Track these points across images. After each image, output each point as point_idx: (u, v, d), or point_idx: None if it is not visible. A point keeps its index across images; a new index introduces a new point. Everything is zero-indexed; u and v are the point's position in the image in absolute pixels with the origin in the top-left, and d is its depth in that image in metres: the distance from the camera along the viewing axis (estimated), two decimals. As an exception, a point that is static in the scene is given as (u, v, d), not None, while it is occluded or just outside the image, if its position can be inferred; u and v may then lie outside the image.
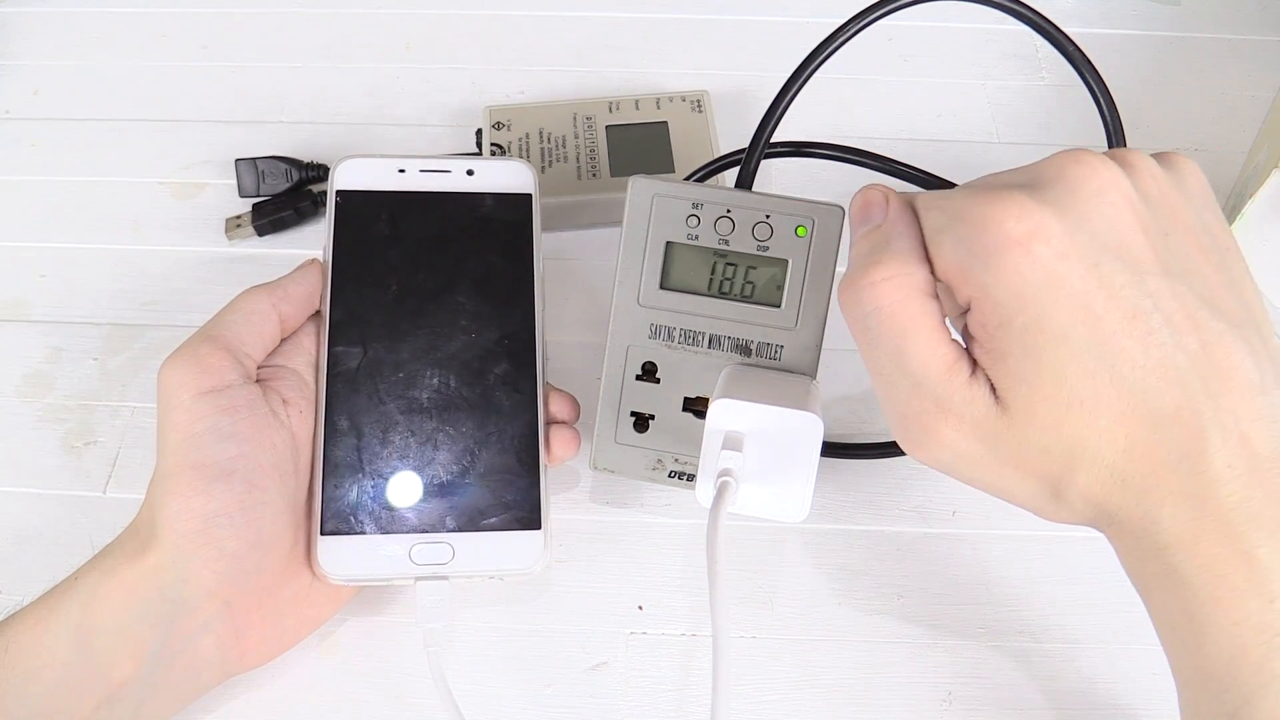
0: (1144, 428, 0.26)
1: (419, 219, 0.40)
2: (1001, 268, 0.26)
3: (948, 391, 0.28)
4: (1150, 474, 0.26)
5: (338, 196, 0.40)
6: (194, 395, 0.33)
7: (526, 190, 0.41)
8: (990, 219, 0.27)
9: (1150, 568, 0.28)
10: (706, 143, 0.50)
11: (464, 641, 0.39)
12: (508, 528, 0.37)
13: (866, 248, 0.30)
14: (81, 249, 0.49)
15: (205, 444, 0.33)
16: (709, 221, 0.37)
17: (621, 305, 0.38)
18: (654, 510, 0.42)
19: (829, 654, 0.38)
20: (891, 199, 0.31)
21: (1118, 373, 0.26)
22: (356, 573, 0.36)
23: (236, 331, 0.35)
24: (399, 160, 0.40)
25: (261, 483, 0.34)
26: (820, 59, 0.37)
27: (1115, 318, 0.26)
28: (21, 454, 0.43)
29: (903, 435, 0.29)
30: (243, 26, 0.58)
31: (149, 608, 0.32)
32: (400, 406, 0.38)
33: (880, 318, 0.28)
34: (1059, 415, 0.27)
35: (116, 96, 0.55)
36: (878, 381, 0.30)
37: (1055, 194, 0.27)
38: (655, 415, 0.39)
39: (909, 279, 0.28)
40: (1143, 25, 0.59)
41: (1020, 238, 0.26)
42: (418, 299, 0.39)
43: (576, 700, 0.37)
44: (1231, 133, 0.54)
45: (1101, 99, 0.38)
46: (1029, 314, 0.26)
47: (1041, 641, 0.39)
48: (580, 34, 0.58)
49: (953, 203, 0.28)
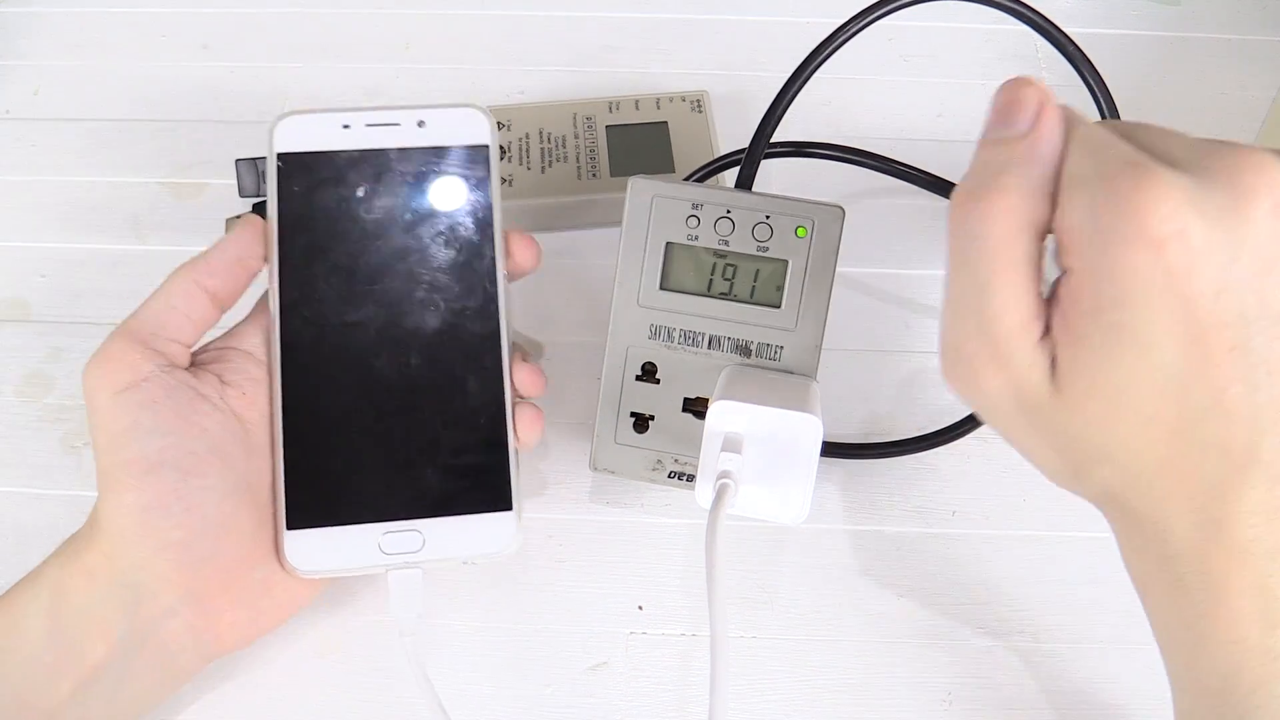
0: (1190, 451, 0.25)
1: (369, 180, 0.37)
2: (1124, 260, 0.24)
3: (1012, 348, 0.26)
4: (1178, 490, 0.26)
5: (279, 160, 0.36)
6: (110, 395, 0.33)
7: (483, 141, 0.37)
8: (1137, 203, 0.24)
9: (1153, 569, 0.27)
10: (706, 143, 0.50)
11: (464, 641, 0.39)
12: (478, 510, 0.36)
13: (999, 158, 0.27)
14: (81, 249, 0.49)
15: (129, 441, 0.32)
16: (709, 222, 0.37)
17: (621, 305, 0.38)
18: (654, 510, 0.42)
19: (829, 654, 0.38)
20: (1046, 110, 0.27)
21: (1189, 398, 0.25)
22: (325, 566, 0.35)
23: (155, 319, 0.34)
24: (343, 114, 0.37)
25: (197, 469, 0.33)
26: (820, 59, 0.37)
27: (1215, 345, 0.24)
28: (21, 454, 0.43)
29: (949, 365, 0.28)
30: (243, 26, 0.58)
31: (110, 592, 0.32)
32: (360, 389, 0.36)
33: (983, 246, 0.26)
34: (1110, 417, 0.25)
35: (116, 96, 0.55)
36: (950, 303, 0.27)
37: (1216, 198, 0.24)
38: (655, 416, 0.39)
39: (1029, 215, 0.26)
40: (1143, 25, 0.59)
41: (1159, 238, 0.23)
42: (373, 270, 0.36)
43: (576, 700, 0.37)
44: (1231, 133, 0.53)
45: (1101, 99, 0.38)
46: (1126, 313, 0.24)
47: (1041, 641, 0.39)
48: (580, 34, 0.58)
49: (1109, 156, 0.25)
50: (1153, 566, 0.27)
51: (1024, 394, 0.26)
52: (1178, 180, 0.24)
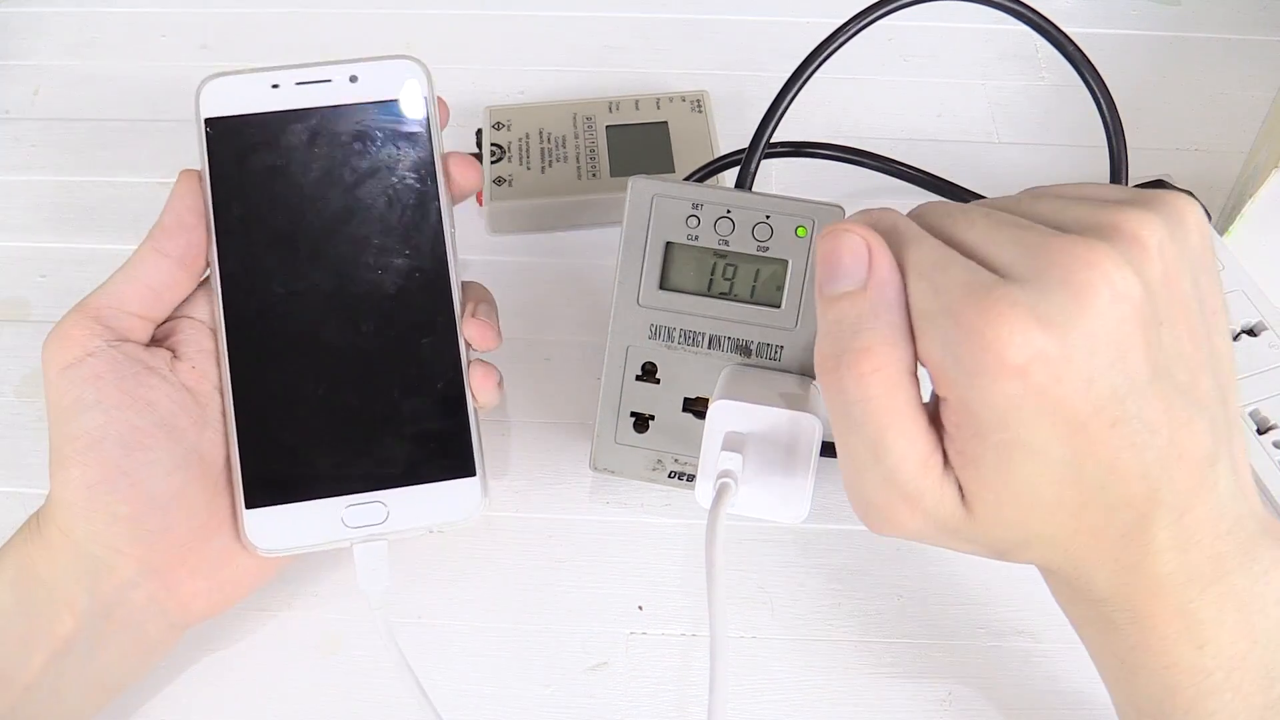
0: (1098, 514, 0.26)
1: (303, 140, 0.35)
2: (993, 391, 0.25)
3: (919, 489, 0.27)
4: (1094, 549, 0.27)
5: (207, 126, 0.35)
6: (58, 371, 0.33)
7: (420, 93, 0.36)
8: (987, 338, 0.24)
9: (1085, 612, 0.29)
10: (706, 143, 0.50)
11: (464, 641, 0.39)
12: (441, 478, 0.35)
13: (849, 316, 0.27)
14: (81, 249, 0.49)
15: (73, 417, 0.32)
16: (709, 222, 0.37)
17: (621, 305, 0.38)
18: (654, 510, 0.42)
19: (829, 654, 0.38)
20: (875, 255, 0.27)
21: (1085, 476, 0.25)
22: (288, 543, 0.34)
23: (115, 293, 0.34)
24: (271, 74, 0.35)
25: (142, 443, 0.33)
26: (820, 59, 0.37)
27: (1096, 428, 0.25)
28: (21, 454, 0.43)
29: (864, 516, 0.29)
30: (243, 26, 0.58)
31: (71, 564, 0.33)
32: (311, 358, 0.35)
33: (865, 408, 0.27)
34: (1021, 518, 0.27)
35: (116, 96, 0.55)
36: (847, 464, 0.28)
37: (1059, 307, 0.24)
38: (655, 415, 0.39)
39: (897, 364, 0.26)
40: (1143, 25, 0.59)
41: (1019, 365, 0.24)
42: (315, 233, 0.35)
43: (576, 700, 0.37)
44: (1231, 133, 0.54)
45: (1101, 99, 0.38)
46: (1010, 432, 0.25)
47: (1041, 641, 0.39)
48: (580, 34, 0.58)
49: (946, 283, 0.26)
50: (1084, 610, 0.29)
51: (942, 522, 0.27)
52: (1019, 298, 0.24)
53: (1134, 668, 0.28)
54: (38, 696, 0.32)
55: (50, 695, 0.32)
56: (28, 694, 0.32)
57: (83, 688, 0.33)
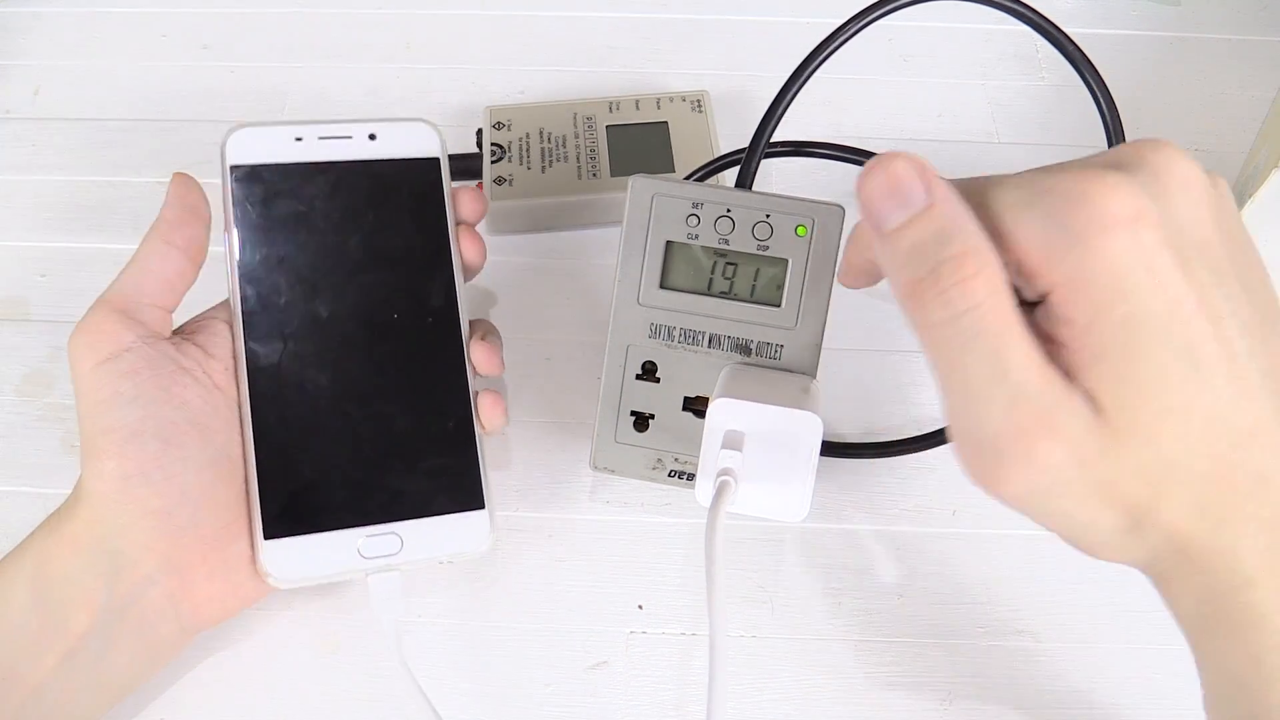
0: (1224, 446, 0.24)
1: (324, 192, 0.37)
2: (1105, 249, 0.23)
3: (1051, 400, 0.24)
4: (1229, 500, 0.24)
5: (232, 173, 0.37)
6: (92, 366, 0.33)
7: (434, 154, 0.38)
8: (1093, 195, 0.24)
9: (1218, 609, 0.25)
10: (706, 143, 0.50)
11: (464, 641, 0.39)
12: (452, 510, 0.36)
13: (925, 234, 0.25)
14: (81, 249, 0.49)
15: (110, 410, 0.33)
16: (709, 221, 0.37)
17: (621, 305, 0.38)
18: (654, 510, 0.42)
19: (829, 654, 0.38)
20: (929, 176, 0.26)
21: (1205, 380, 0.24)
22: (305, 574, 0.35)
23: (135, 285, 0.35)
24: (295, 127, 0.37)
25: (176, 439, 0.33)
26: (820, 59, 0.37)
27: (1202, 321, 0.24)
28: (21, 453, 0.43)
29: (993, 459, 0.25)
30: (243, 26, 0.58)
31: (93, 559, 0.33)
32: (327, 397, 0.36)
33: (976, 317, 0.24)
34: (1156, 426, 0.24)
35: (116, 96, 0.55)
36: (960, 399, 0.25)
37: (1145, 179, 0.25)
38: (655, 415, 0.39)
39: (996, 267, 0.25)
40: (1143, 25, 0.59)
41: (1126, 218, 0.24)
42: (333, 281, 0.37)
43: (576, 700, 0.37)
44: (1231, 133, 0.54)
45: (1101, 99, 0.38)
46: (1129, 305, 0.24)
47: (1041, 641, 0.39)
48: (580, 34, 0.58)
49: (1033, 179, 0.25)
50: (1219, 605, 0.25)
51: (1080, 445, 0.24)
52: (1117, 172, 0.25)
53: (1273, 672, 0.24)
54: (46, 697, 0.32)
55: (59, 696, 0.32)
56: (36, 694, 0.32)
57: (91, 688, 0.33)
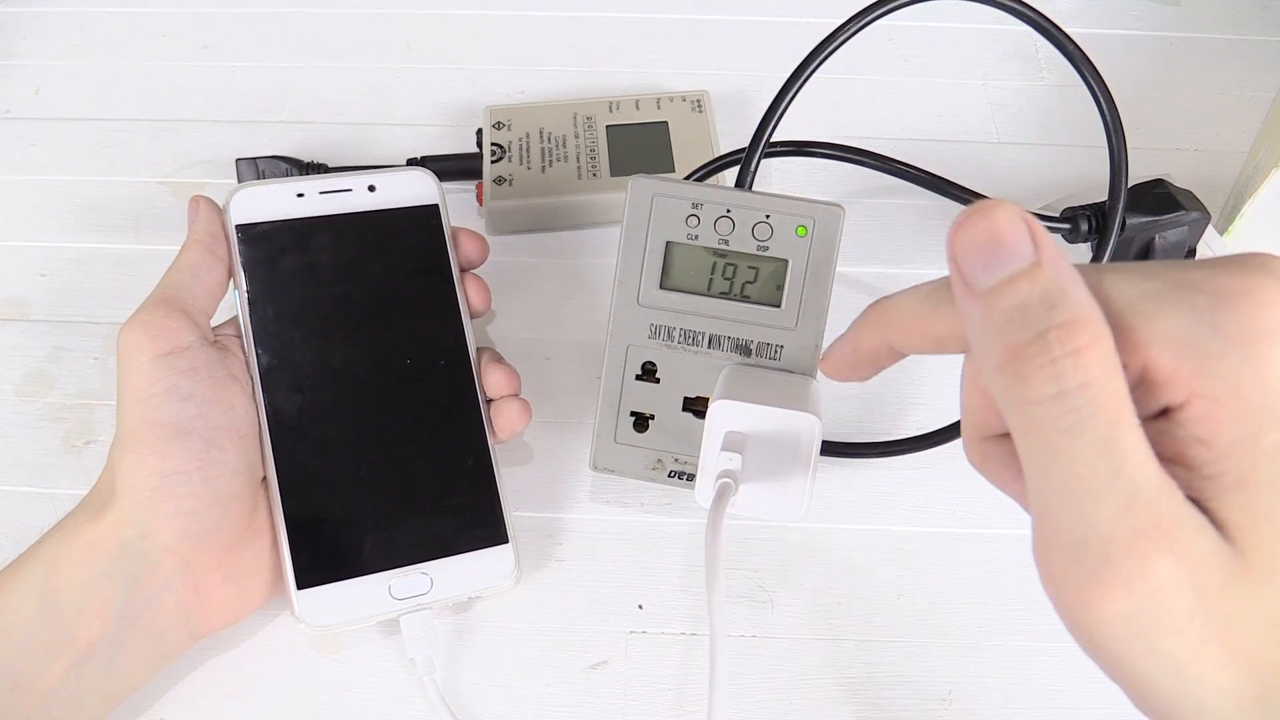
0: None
1: (327, 245, 0.38)
2: (1269, 361, 0.20)
3: (1172, 508, 0.20)
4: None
5: (238, 232, 0.38)
6: (152, 358, 0.34)
7: (432, 201, 0.40)
8: (1256, 295, 0.20)
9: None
10: (706, 143, 0.50)
11: (464, 640, 0.39)
12: (478, 547, 0.37)
13: (1030, 295, 0.21)
14: (81, 249, 0.49)
15: (162, 404, 0.33)
16: (709, 221, 0.37)
17: (621, 305, 0.38)
18: (654, 510, 0.42)
19: (829, 654, 0.38)
20: (1036, 228, 0.21)
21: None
22: (340, 618, 0.35)
23: (188, 290, 0.36)
24: (296, 184, 0.39)
25: (219, 442, 0.34)
26: (820, 59, 0.37)
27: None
28: (21, 454, 0.43)
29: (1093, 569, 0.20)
30: (243, 26, 0.58)
31: (111, 564, 0.33)
32: (349, 445, 0.37)
33: (1088, 397, 0.20)
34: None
35: (116, 96, 0.55)
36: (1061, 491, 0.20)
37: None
38: (655, 415, 0.39)
39: (1111, 345, 0.20)
40: (1143, 25, 0.59)
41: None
42: (345, 332, 0.38)
43: (576, 700, 0.37)
44: (1231, 133, 0.54)
45: (1101, 99, 0.38)
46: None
47: (1042, 641, 0.39)
48: (580, 34, 0.58)
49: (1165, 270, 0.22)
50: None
51: (1203, 570, 0.20)
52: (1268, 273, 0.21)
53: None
54: (54, 704, 0.32)
55: (65, 703, 0.32)
56: (44, 702, 0.32)
57: (97, 695, 0.33)
